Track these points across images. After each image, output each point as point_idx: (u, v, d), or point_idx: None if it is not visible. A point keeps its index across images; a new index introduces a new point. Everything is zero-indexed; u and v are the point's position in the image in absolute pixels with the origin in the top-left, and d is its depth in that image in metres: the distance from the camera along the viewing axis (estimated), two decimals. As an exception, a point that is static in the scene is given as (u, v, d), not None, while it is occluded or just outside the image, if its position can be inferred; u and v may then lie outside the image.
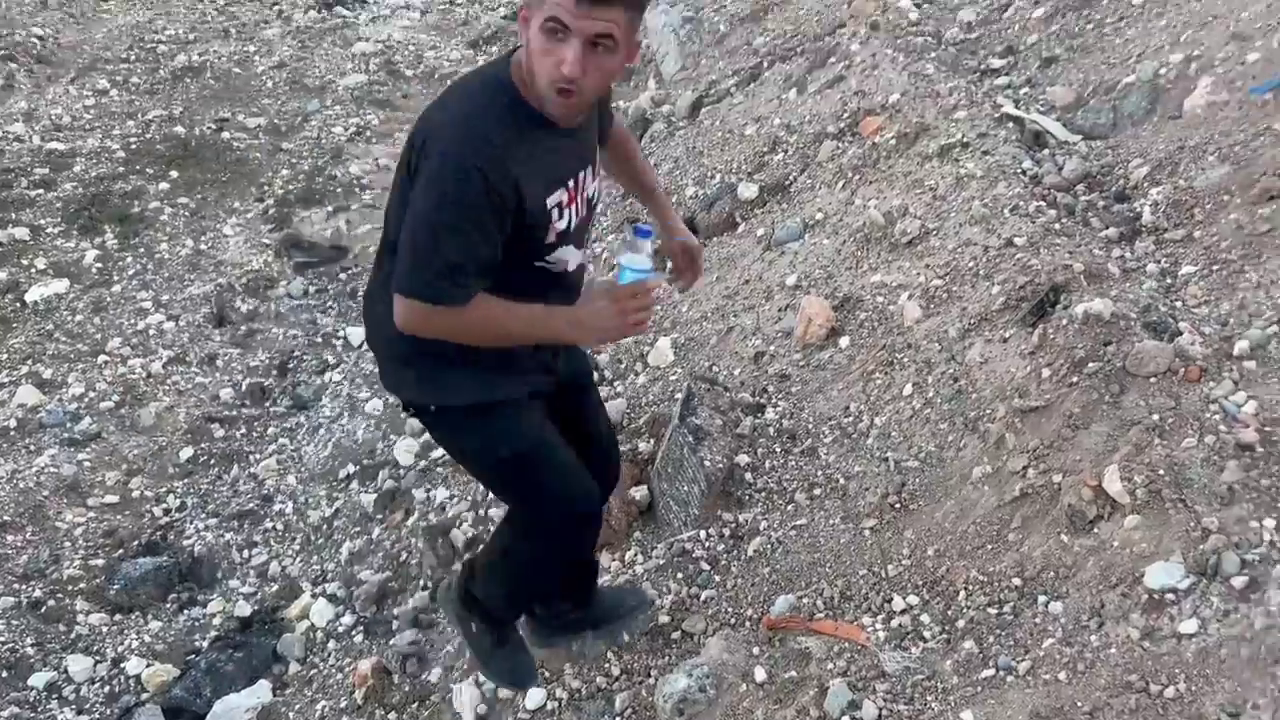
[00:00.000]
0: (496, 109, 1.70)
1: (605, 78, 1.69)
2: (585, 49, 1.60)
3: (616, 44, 1.62)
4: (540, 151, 1.72)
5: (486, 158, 1.65)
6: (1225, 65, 3.22)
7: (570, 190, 1.81)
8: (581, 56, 1.60)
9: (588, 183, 1.87)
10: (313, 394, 3.95)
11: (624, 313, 1.78)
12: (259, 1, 7.76)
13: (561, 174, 1.79)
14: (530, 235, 1.77)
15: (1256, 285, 2.48)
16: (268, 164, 5.55)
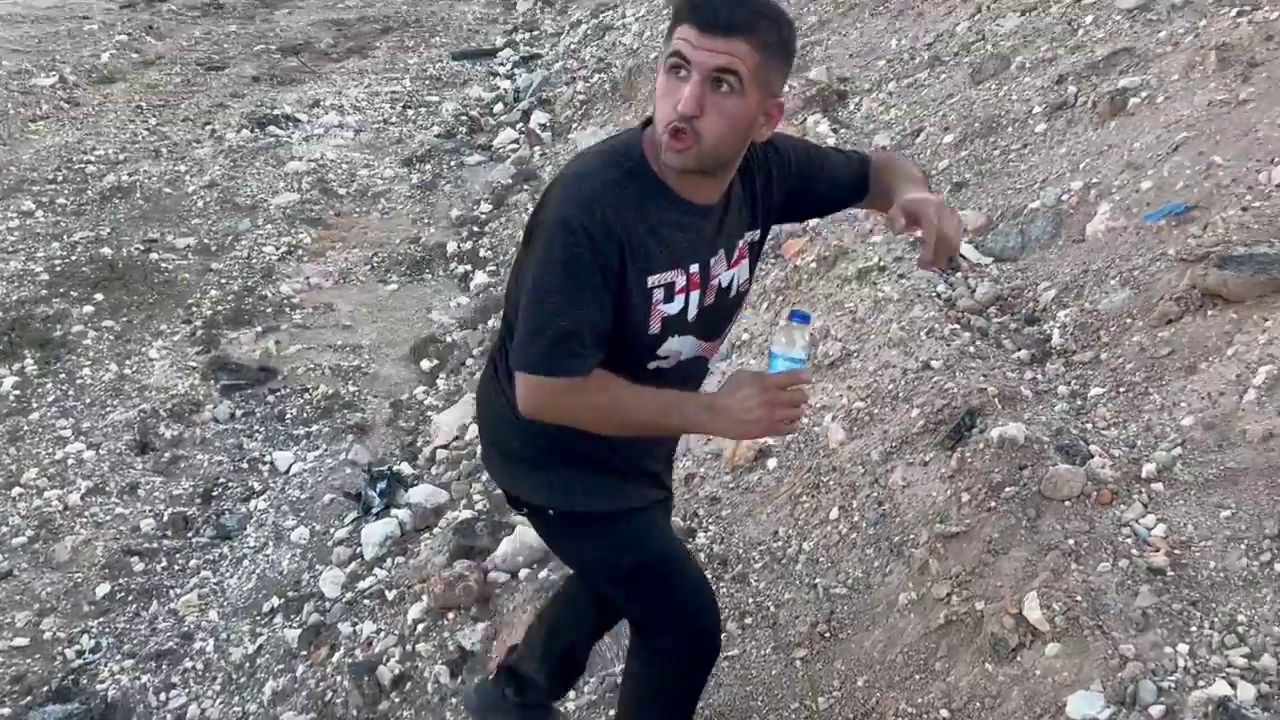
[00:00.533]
0: (613, 172, 1.59)
1: (728, 126, 1.52)
2: (705, 86, 1.48)
3: (741, 85, 1.49)
4: (658, 225, 1.59)
5: (590, 215, 1.54)
6: (1122, 192, 3.40)
7: (692, 276, 1.65)
8: (700, 94, 1.48)
9: (719, 270, 1.70)
10: (237, 523, 3.87)
11: (772, 405, 1.59)
12: (191, 121, 7.80)
13: (680, 255, 1.63)
14: (627, 316, 1.62)
15: (1160, 407, 2.58)
16: (196, 285, 5.51)
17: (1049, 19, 4.73)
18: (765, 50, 1.50)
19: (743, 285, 1.77)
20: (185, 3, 10.98)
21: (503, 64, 9.44)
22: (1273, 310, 2.63)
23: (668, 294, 1.62)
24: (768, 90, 1.54)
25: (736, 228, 1.72)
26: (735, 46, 1.47)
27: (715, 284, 1.69)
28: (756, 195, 1.74)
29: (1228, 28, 3.84)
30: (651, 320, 1.63)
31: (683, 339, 1.69)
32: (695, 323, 1.69)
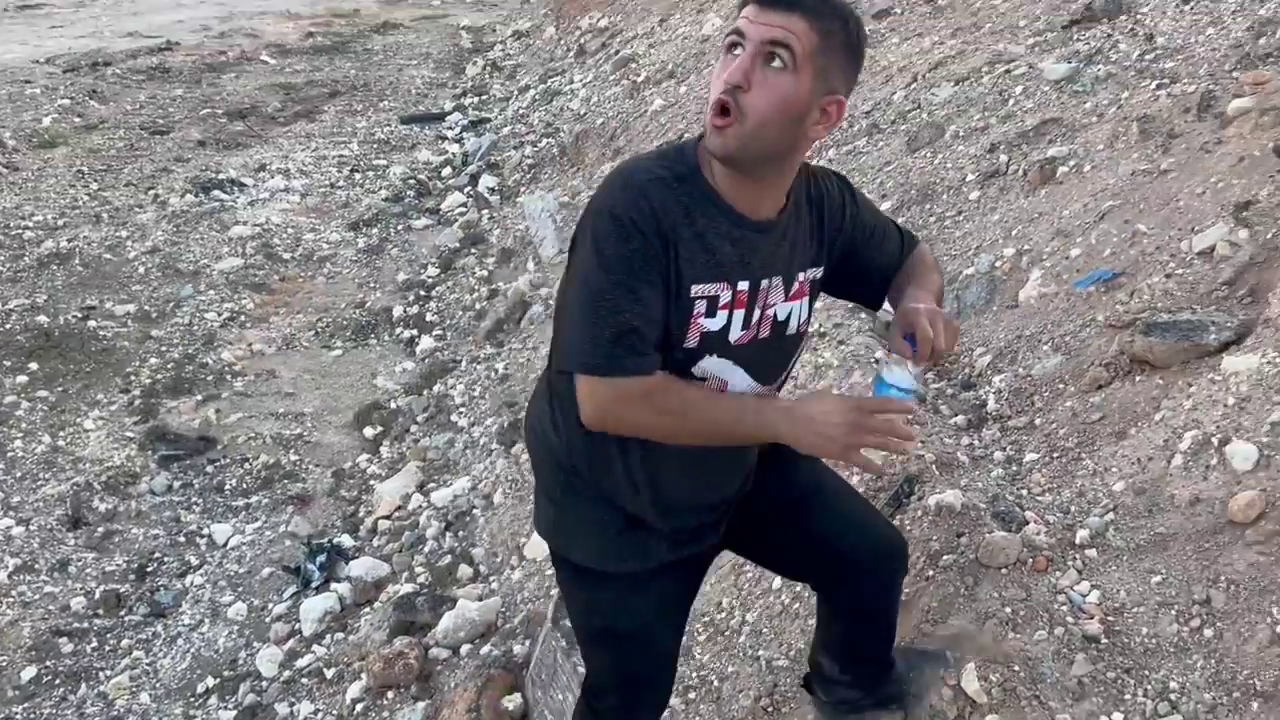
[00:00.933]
0: (662, 171, 1.51)
1: (776, 106, 1.43)
2: (757, 60, 1.42)
3: (794, 62, 1.42)
4: (705, 231, 1.51)
5: (638, 208, 1.45)
6: (1052, 259, 3.49)
7: (739, 294, 1.54)
8: (750, 66, 1.42)
9: (775, 300, 1.59)
10: (172, 599, 3.77)
11: (857, 428, 1.47)
12: (134, 186, 7.74)
13: (728, 268, 1.52)
14: (667, 328, 1.52)
15: (1093, 473, 2.62)
16: (135, 353, 5.43)
17: (981, 89, 4.87)
18: (826, 37, 1.44)
19: (803, 326, 1.66)
20: (130, 67, 10.97)
21: (451, 128, 9.53)
22: (1196, 376, 2.69)
23: (710, 308, 1.52)
24: (825, 82, 1.45)
25: (799, 258, 1.62)
26: (792, 22, 1.41)
27: (771, 315, 1.59)
28: (825, 231, 1.66)
29: (1148, 100, 3.98)
30: (690, 332, 1.53)
31: (722, 362, 1.57)
32: (742, 350, 1.58)
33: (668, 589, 1.80)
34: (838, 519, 1.89)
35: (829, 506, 1.88)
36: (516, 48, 12.31)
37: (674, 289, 1.50)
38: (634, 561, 1.73)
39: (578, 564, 1.78)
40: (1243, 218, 3.10)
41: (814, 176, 1.68)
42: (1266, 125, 3.36)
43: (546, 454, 1.77)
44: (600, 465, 1.69)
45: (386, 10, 15.52)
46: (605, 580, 1.75)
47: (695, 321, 1.53)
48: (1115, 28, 4.96)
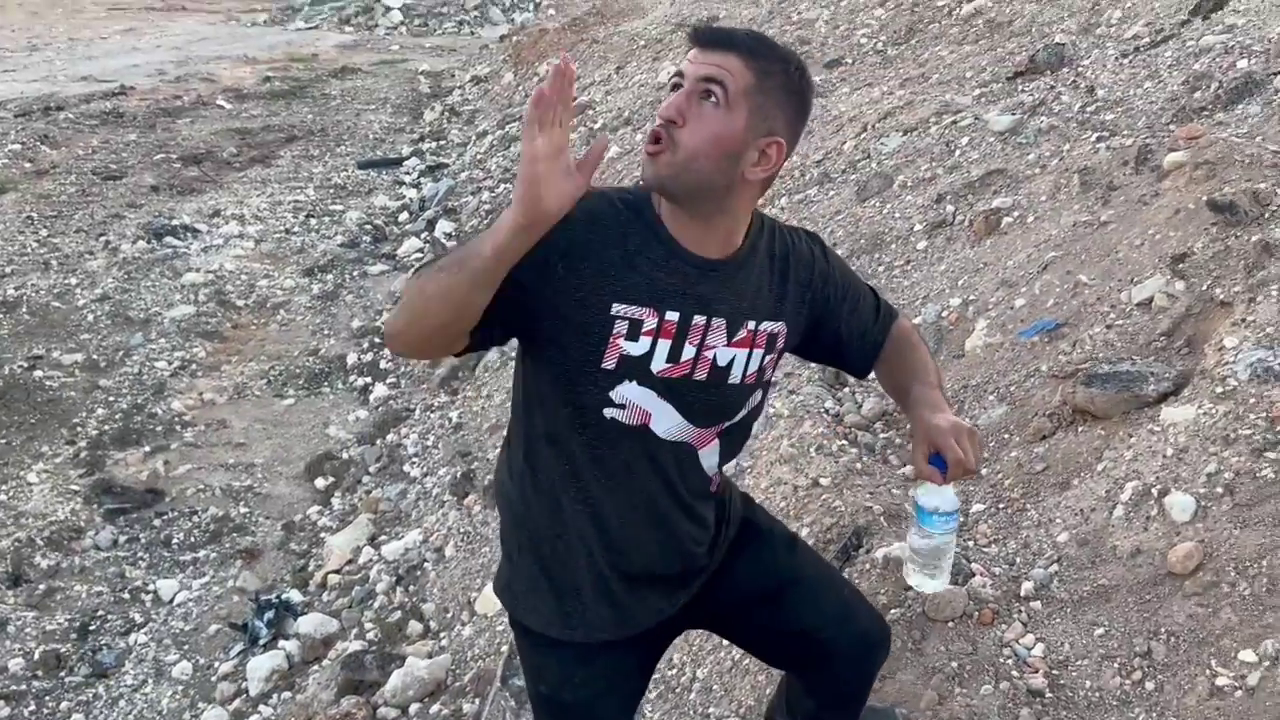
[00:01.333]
0: (614, 195, 1.53)
1: (708, 140, 1.45)
2: (693, 96, 1.46)
3: (728, 97, 1.45)
4: (636, 254, 1.50)
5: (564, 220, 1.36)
6: (997, 309, 3.54)
7: (667, 323, 1.51)
8: (684, 102, 1.46)
9: (716, 342, 1.56)
10: (115, 659, 3.68)
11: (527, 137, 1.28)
12: (84, 232, 7.65)
13: (656, 294, 1.50)
14: (579, 336, 1.49)
15: (1037, 523, 2.65)
16: (82, 403, 5.34)
17: (929, 139, 4.97)
18: (764, 77, 1.47)
19: (749, 378, 1.60)
20: (84, 111, 10.90)
21: (409, 173, 9.54)
22: (1137, 426, 2.74)
23: (632, 330, 1.50)
24: (763, 122, 1.47)
25: (750, 306, 1.58)
26: (728, 60, 1.45)
27: (710, 358, 1.55)
28: (789, 285, 1.63)
29: (1089, 152, 4.08)
30: (607, 353, 1.50)
31: (644, 391, 1.53)
32: (670, 384, 1.54)
33: (618, 664, 1.75)
34: (817, 611, 1.83)
35: (808, 598, 1.83)
36: (475, 93, 12.38)
37: (593, 303, 1.48)
38: (580, 631, 1.68)
39: (527, 627, 1.74)
40: (1179, 269, 3.17)
41: (780, 230, 1.68)
42: (1200, 179, 3.45)
43: (505, 505, 1.75)
44: (546, 513, 1.65)
45: (345, 55, 15.57)
46: (553, 647, 1.71)
47: (614, 343, 1.50)
48: (1058, 80, 5.09)
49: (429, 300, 1.39)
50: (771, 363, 1.65)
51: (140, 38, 16.12)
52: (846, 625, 1.85)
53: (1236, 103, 4.08)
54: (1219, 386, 2.65)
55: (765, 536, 1.85)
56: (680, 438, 1.60)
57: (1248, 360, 2.66)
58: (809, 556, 1.93)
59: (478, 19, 18.76)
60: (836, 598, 1.88)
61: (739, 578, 1.80)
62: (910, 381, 1.73)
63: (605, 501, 1.61)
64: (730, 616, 1.86)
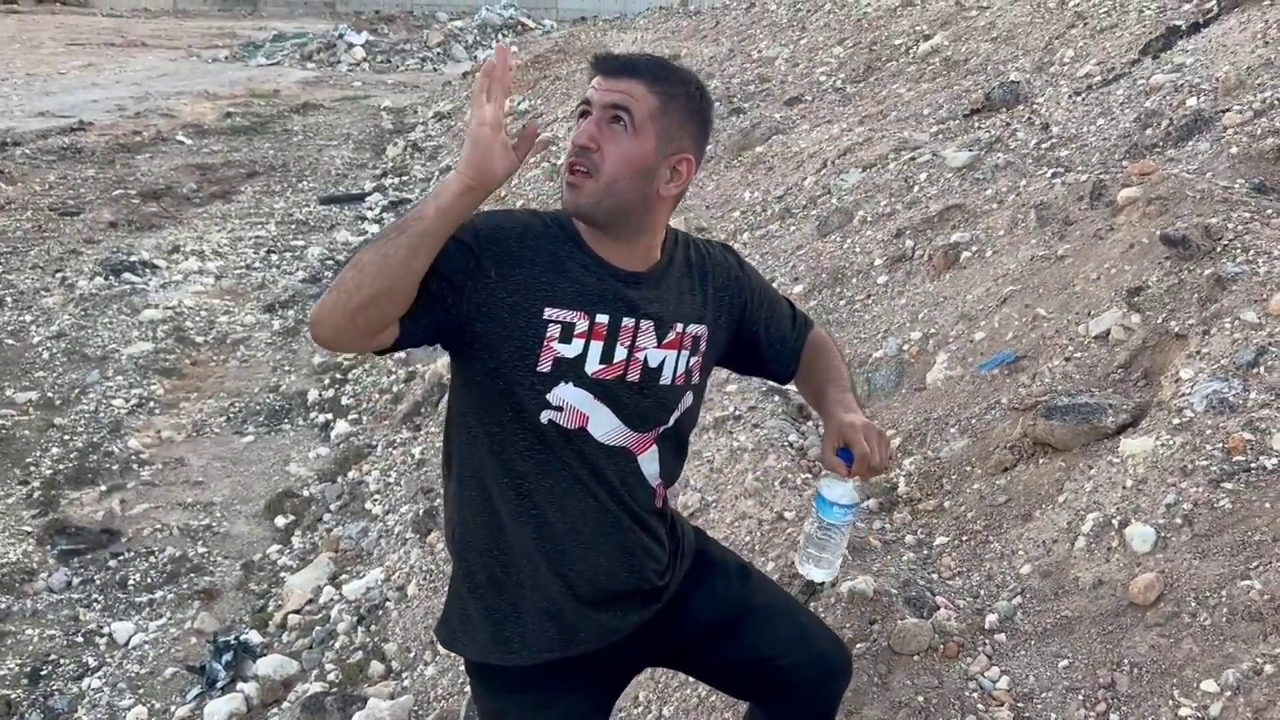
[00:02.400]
0: (536, 213, 1.61)
1: (624, 162, 1.52)
2: (603, 123, 1.53)
3: (634, 124, 1.53)
4: (565, 262, 1.57)
5: (493, 230, 1.53)
6: (957, 343, 3.59)
7: (598, 325, 1.56)
8: (596, 130, 1.53)
9: (646, 344, 1.61)
10: (67, 705, 3.58)
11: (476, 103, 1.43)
12: (40, 269, 7.54)
13: (587, 298, 1.56)
14: (512, 341, 1.53)
15: (1000, 555, 2.67)
16: (36, 442, 5.23)
17: (888, 175, 5.04)
18: (667, 99, 1.56)
19: (679, 379, 1.65)
20: (40, 146, 10.78)
21: (371, 209, 9.52)
22: (1096, 458, 2.77)
23: (565, 334, 1.54)
24: (671, 142, 1.56)
25: (675, 309, 1.64)
26: (631, 86, 1.54)
27: (641, 359, 1.60)
28: (709, 292, 1.71)
29: (1045, 188, 4.16)
30: (542, 355, 1.54)
31: (581, 393, 1.56)
32: (605, 386, 1.57)
33: (576, 706, 1.72)
34: (774, 638, 1.83)
35: (764, 625, 1.83)
36: (438, 129, 12.40)
37: (524, 309, 1.53)
38: (522, 654, 1.65)
39: (483, 674, 1.72)
40: (1135, 302, 3.23)
41: (695, 241, 1.77)
42: (1153, 214, 3.52)
43: (449, 540, 1.73)
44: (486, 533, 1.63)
45: (307, 91, 15.55)
46: (510, 693, 1.69)
47: (548, 345, 1.54)
48: (1013, 117, 5.20)
49: (363, 271, 1.40)
50: (698, 366, 1.70)
51: (100, 73, 16.01)
52: (805, 650, 1.85)
53: (1186, 139, 4.18)
54: (1176, 418, 2.69)
55: (719, 568, 1.86)
56: (618, 442, 1.62)
57: (1203, 391, 2.71)
58: (763, 585, 1.93)
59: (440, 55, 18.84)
60: (792, 623, 1.88)
61: (695, 610, 1.80)
62: (826, 385, 1.81)
63: (550, 510, 1.62)
64: (689, 650, 1.85)
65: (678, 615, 1.78)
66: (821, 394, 1.80)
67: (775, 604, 1.89)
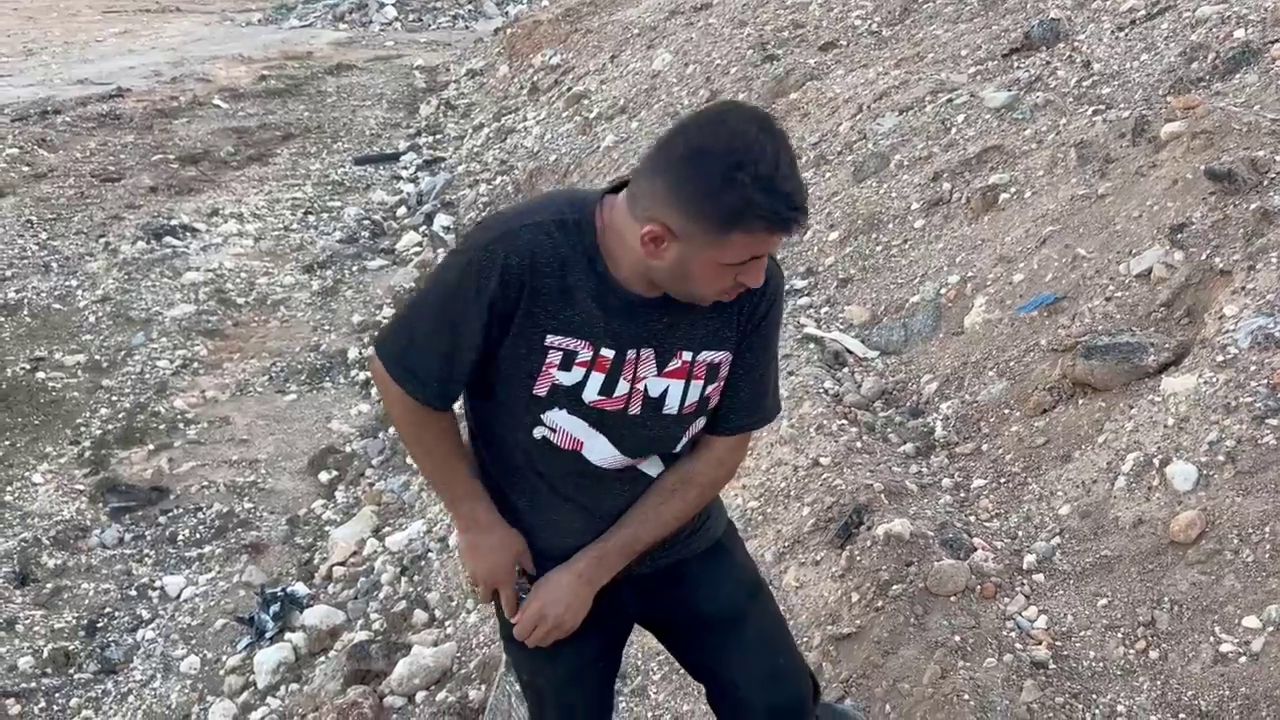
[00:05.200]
0: (546, 215, 1.50)
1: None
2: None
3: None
4: (575, 289, 1.49)
5: (494, 255, 1.46)
6: (996, 285, 3.53)
7: (601, 358, 1.51)
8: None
9: (646, 373, 1.54)
10: (123, 655, 3.69)
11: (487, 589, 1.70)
12: (84, 234, 7.65)
13: (592, 328, 1.50)
14: (513, 362, 1.52)
15: (1039, 497, 2.65)
16: (85, 403, 5.34)
17: (924, 118, 4.95)
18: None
19: (689, 408, 1.57)
20: (80, 114, 10.88)
21: (406, 168, 9.52)
22: (1137, 397, 2.73)
23: (565, 361, 1.51)
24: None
25: (686, 335, 1.54)
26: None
27: (641, 389, 1.54)
28: (730, 314, 1.56)
29: (1085, 126, 4.06)
30: (539, 380, 1.52)
31: (574, 420, 1.54)
32: (601, 416, 1.54)
33: (580, 653, 1.75)
34: (747, 668, 1.79)
35: (742, 648, 1.78)
36: (470, 86, 12.36)
37: (527, 334, 1.50)
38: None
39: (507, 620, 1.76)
40: (1178, 240, 3.16)
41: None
42: (1198, 148, 3.43)
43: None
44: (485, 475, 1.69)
45: (340, 52, 15.53)
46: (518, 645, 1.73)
47: (547, 371, 1.52)
48: (1054, 55, 5.07)
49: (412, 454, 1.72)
50: (716, 391, 1.60)
51: (135, 40, 16.09)
52: (767, 693, 1.80)
53: (1234, 72, 4.06)
54: (1219, 355, 2.64)
55: (733, 570, 1.83)
56: (616, 465, 1.60)
57: (1248, 328, 2.65)
58: (765, 610, 1.86)
59: (471, 13, 18.70)
60: (770, 663, 1.82)
61: (694, 594, 1.77)
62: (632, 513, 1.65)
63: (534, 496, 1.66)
64: (672, 629, 1.86)
65: (677, 588, 1.77)
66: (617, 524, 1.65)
67: (765, 633, 1.83)
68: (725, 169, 1.34)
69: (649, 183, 1.42)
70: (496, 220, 1.56)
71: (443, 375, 1.54)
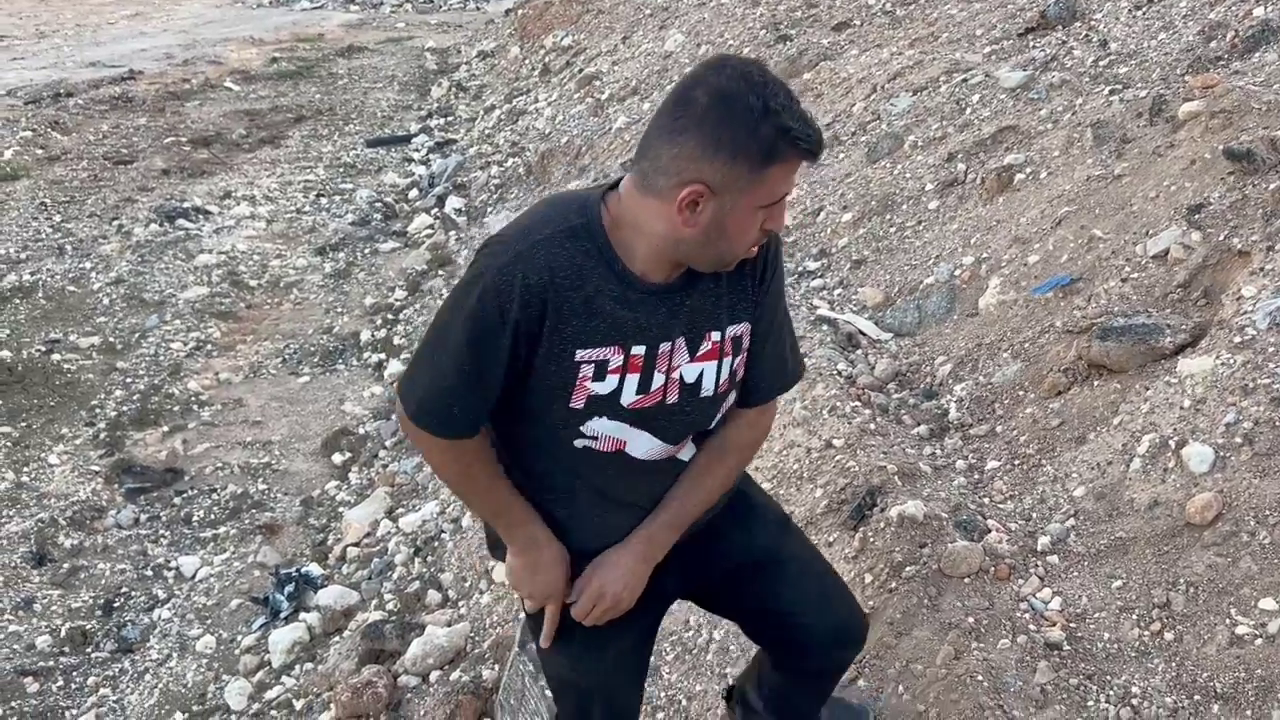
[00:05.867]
0: (555, 227, 1.47)
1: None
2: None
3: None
4: (596, 296, 1.47)
5: (511, 276, 1.43)
6: (1011, 266, 3.51)
7: (634, 358, 1.50)
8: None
9: (680, 361, 1.54)
10: (139, 635, 3.72)
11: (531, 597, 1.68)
12: (97, 217, 7.67)
13: (621, 332, 1.49)
14: (545, 382, 1.50)
15: (1053, 479, 2.64)
16: (100, 385, 5.37)
17: (939, 98, 4.91)
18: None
19: (723, 387, 1.59)
20: (93, 97, 10.90)
21: (417, 150, 9.51)
22: (1153, 379, 2.71)
23: (598, 371, 1.49)
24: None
25: (708, 314, 1.55)
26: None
27: (678, 378, 1.54)
28: (744, 282, 1.58)
29: (1102, 105, 4.02)
30: (575, 394, 1.51)
31: (616, 424, 1.54)
32: (641, 414, 1.54)
33: (622, 645, 1.75)
34: (799, 595, 1.80)
35: (789, 578, 1.80)
36: (481, 68, 12.33)
37: (555, 353, 1.48)
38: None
39: (531, 616, 1.75)
40: (1195, 220, 3.13)
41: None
42: (1216, 128, 3.40)
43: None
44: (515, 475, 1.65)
45: (351, 34, 15.51)
46: (567, 631, 1.70)
47: (581, 385, 1.50)
48: (1069, 34, 5.02)
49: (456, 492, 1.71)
50: (741, 363, 1.62)
51: (147, 22, 16.10)
52: (824, 613, 1.82)
53: (1253, 51, 4.01)
54: (1237, 336, 2.61)
55: (759, 511, 1.85)
56: (658, 455, 1.61)
57: (1267, 309, 2.63)
58: (800, 539, 1.91)
59: (483, -6, 18.65)
60: (819, 584, 1.85)
61: (728, 548, 1.79)
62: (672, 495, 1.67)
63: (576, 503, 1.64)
64: (715, 588, 1.85)
65: (710, 550, 1.77)
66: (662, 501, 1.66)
67: (806, 561, 1.86)
68: (756, 104, 1.37)
69: (671, 148, 1.41)
70: (504, 241, 1.49)
71: (474, 407, 1.52)
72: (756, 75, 1.40)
